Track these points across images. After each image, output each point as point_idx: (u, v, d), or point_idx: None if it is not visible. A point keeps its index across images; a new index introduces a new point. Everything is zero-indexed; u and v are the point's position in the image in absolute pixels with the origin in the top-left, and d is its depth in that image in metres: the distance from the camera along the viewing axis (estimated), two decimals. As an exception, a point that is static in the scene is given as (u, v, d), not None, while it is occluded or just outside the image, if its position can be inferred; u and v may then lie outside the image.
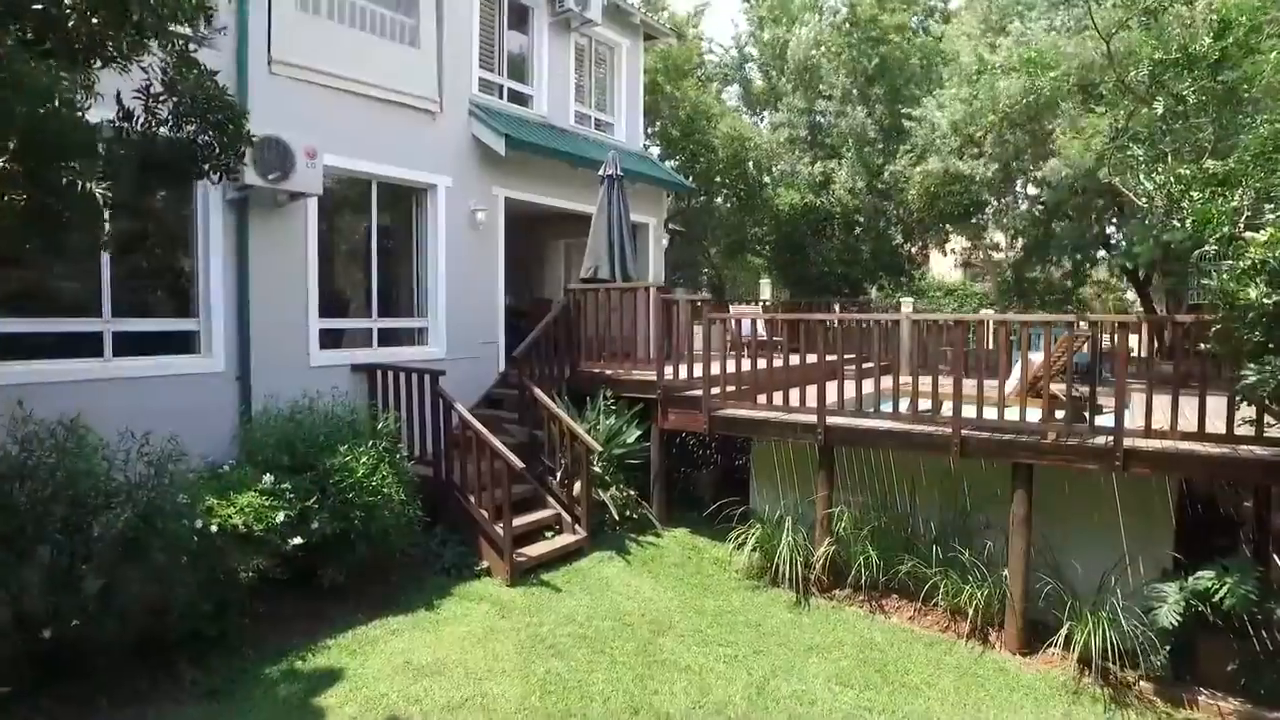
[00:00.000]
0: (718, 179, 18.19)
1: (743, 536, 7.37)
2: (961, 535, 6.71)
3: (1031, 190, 13.66)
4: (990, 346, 8.29)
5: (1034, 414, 6.06)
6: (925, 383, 6.51)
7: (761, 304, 17.05)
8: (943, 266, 26.81)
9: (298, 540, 5.49)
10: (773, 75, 19.30)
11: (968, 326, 6.57)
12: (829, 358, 7.11)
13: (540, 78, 10.68)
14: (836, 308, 15.30)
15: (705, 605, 6.61)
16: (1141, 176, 4.94)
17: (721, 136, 16.33)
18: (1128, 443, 5.53)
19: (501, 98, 10.18)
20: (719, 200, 19.76)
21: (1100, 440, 5.67)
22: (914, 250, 18.61)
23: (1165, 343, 6.33)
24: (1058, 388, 6.22)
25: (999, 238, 17.72)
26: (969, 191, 12.84)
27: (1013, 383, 6.18)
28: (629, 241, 8.93)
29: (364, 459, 6.07)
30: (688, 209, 19.84)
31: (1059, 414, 6.00)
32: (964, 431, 6.18)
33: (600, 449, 7.55)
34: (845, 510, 7.01)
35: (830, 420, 6.86)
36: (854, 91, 16.59)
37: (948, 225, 15.47)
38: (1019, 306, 14.05)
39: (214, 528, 4.87)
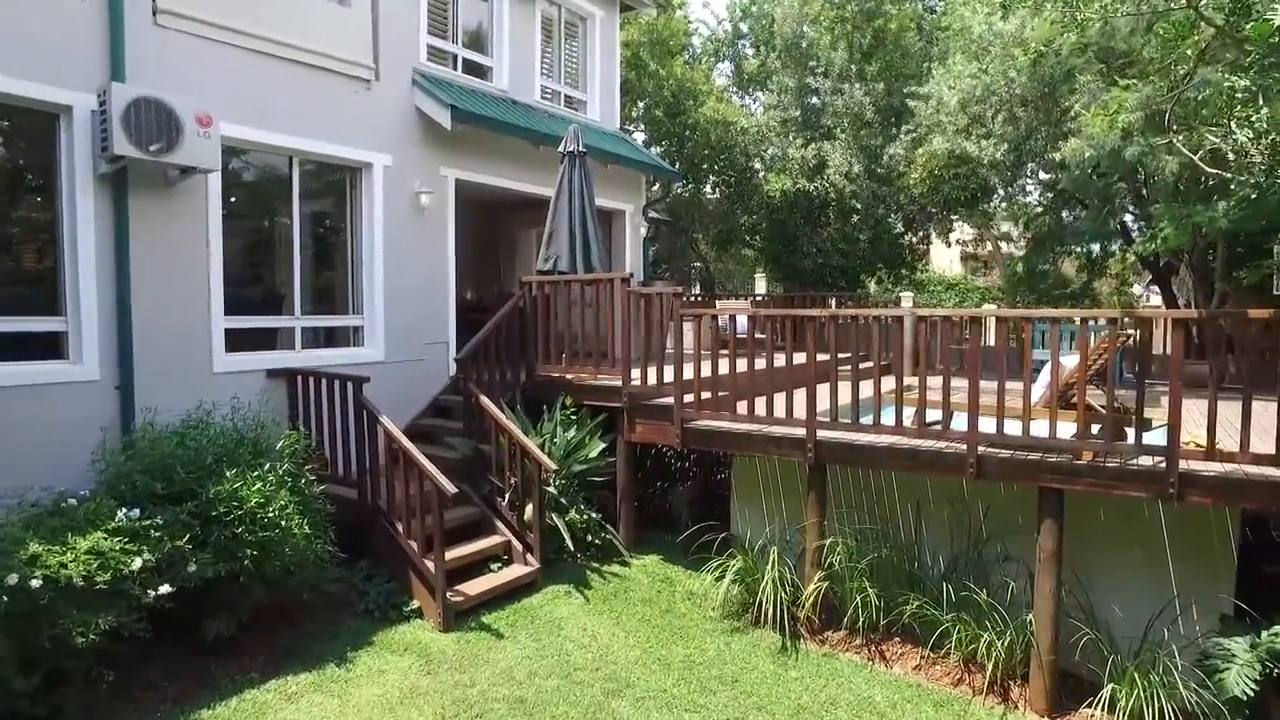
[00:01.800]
0: (705, 165, 17.22)
1: (722, 567, 6.43)
2: (976, 570, 5.81)
3: (1044, 175, 12.69)
4: (1009, 346, 7.41)
5: (1065, 428, 5.11)
6: (933, 384, 5.54)
7: (754, 299, 16.04)
8: (942, 260, 25.89)
9: (166, 588, 4.51)
10: (763, 51, 18.30)
11: (983, 324, 5.62)
12: (821, 357, 6.15)
13: (501, 48, 9.70)
14: (833, 303, 14.41)
15: (673, 654, 5.66)
16: (1233, 125, 3.95)
17: (706, 119, 15.32)
18: (1184, 465, 4.59)
19: (456, 68, 9.21)
20: (707, 188, 18.81)
21: (1148, 462, 4.74)
22: (915, 241, 17.64)
23: (1218, 343, 5.36)
24: (1092, 397, 5.27)
25: (1006, 226, 16.75)
26: (976, 175, 11.90)
27: (1039, 390, 5.24)
28: (594, 228, 7.97)
29: (259, 485, 5.10)
30: (673, 197, 18.88)
31: (1095, 429, 5.05)
32: (981, 449, 5.25)
33: (555, 467, 6.59)
34: (840, 541, 6.06)
35: (821, 435, 5.92)
36: (850, 68, 15.58)
37: (953, 212, 14.48)
38: (1030, 301, 13.14)
39: (37, 582, 3.89)
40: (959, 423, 5.53)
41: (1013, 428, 5.25)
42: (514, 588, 6.47)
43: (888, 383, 6.14)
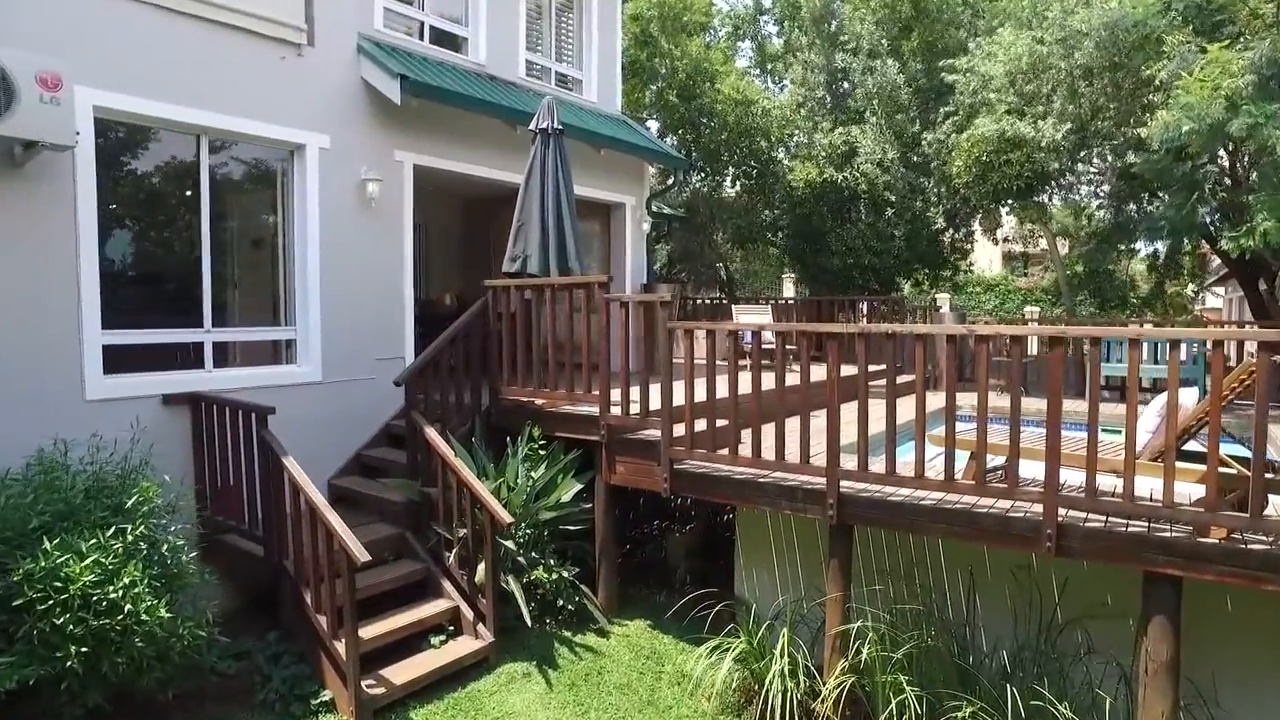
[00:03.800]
0: (724, 155, 15.90)
1: (719, 647, 5.17)
2: (1049, 666, 4.50)
3: (1112, 159, 11.19)
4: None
5: (1185, 488, 3.77)
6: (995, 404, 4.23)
7: (775, 303, 14.64)
8: (980, 259, 24.33)
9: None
10: (787, 27, 16.92)
11: (1068, 345, 4.34)
12: (848, 370, 4.88)
13: (477, 16, 8.53)
14: (863, 307, 13.05)
15: (650, 775, 4.41)
16: None
17: (724, 99, 14.00)
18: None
19: (422, 38, 8.06)
20: (727, 182, 17.49)
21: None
22: (958, 238, 16.13)
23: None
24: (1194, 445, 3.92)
25: (1064, 219, 15.18)
26: (1031, 161, 10.45)
27: (1146, 433, 3.90)
28: (571, 222, 6.75)
29: (97, 555, 3.94)
30: (690, 191, 17.60)
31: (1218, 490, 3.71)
32: (1063, 515, 3.92)
33: (510, 520, 5.36)
34: (870, 625, 4.75)
35: (846, 487, 4.66)
36: (884, 43, 14.15)
37: (1001, 204, 13.00)
38: (1092, 307, 11.66)
39: None
40: (1028, 469, 4.23)
41: (1106, 483, 3.93)
42: (459, 668, 5.29)
43: (932, 400, 4.81)
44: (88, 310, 5.22)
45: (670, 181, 13.71)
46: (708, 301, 15.97)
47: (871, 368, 4.82)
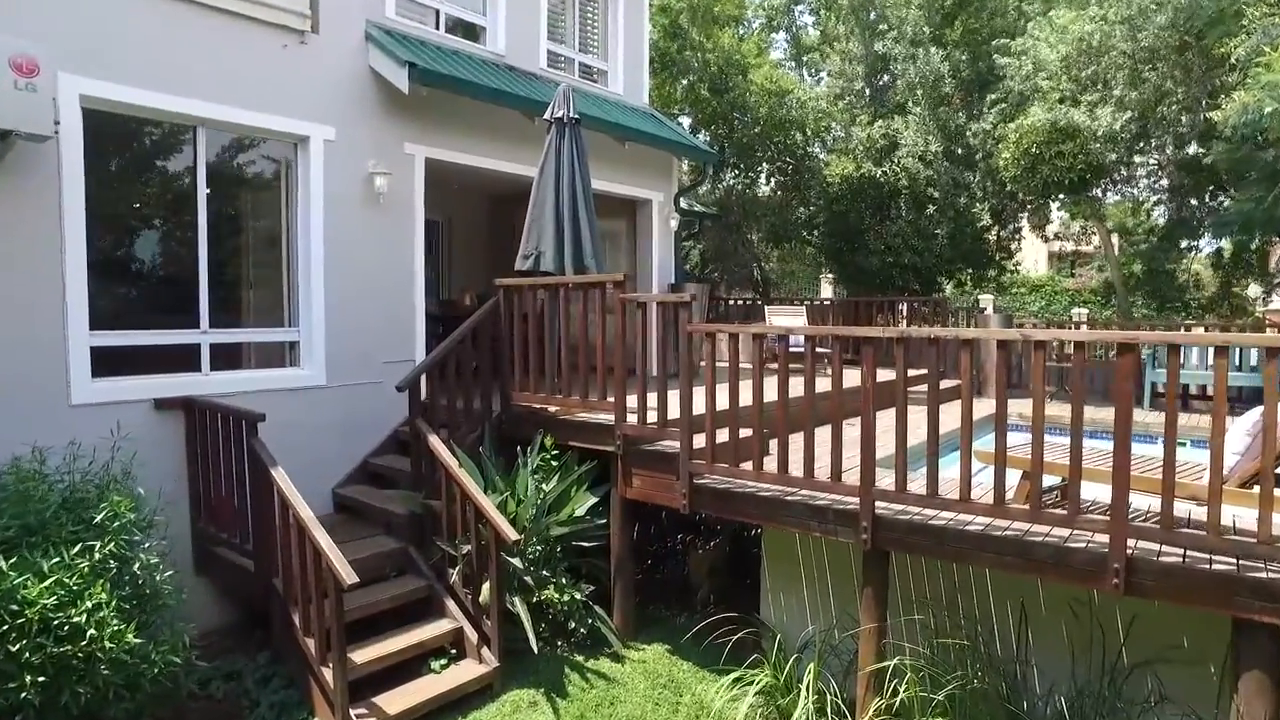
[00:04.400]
0: (758, 151, 15.39)
1: (741, 680, 4.75)
2: (1113, 714, 3.99)
3: (1173, 150, 10.47)
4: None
5: None
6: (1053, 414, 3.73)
7: (810, 305, 14.09)
8: (1024, 258, 23.41)
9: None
10: (824, 16, 16.34)
11: (1138, 353, 3.84)
12: (884, 374, 4.43)
13: (496, 4, 8.22)
14: (903, 308, 12.47)
15: (660, 825, 4.00)
16: None
17: (757, 89, 13.50)
18: None
19: (437, 27, 7.78)
20: (761, 178, 16.99)
21: None
22: (1004, 235, 15.39)
23: None
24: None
25: (1119, 215, 14.37)
26: (1085, 152, 9.79)
27: (1233, 455, 3.39)
28: (588, 217, 6.38)
29: (61, 575, 3.66)
30: (723, 188, 17.13)
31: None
32: (1133, 545, 3.43)
33: (517, 537, 4.99)
34: (907, 659, 4.29)
35: (882, 509, 4.20)
36: (926, 29, 13.52)
37: (1053, 199, 12.29)
38: (1150, 309, 10.94)
39: None
40: (1089, 491, 3.74)
41: (1181, 509, 3.42)
42: (460, 696, 4.93)
43: (979, 407, 4.33)
44: (74, 310, 4.97)
45: (700, 177, 13.28)
46: (741, 302, 15.50)
47: (910, 372, 4.36)
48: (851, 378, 4.66)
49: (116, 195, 5.56)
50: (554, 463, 5.83)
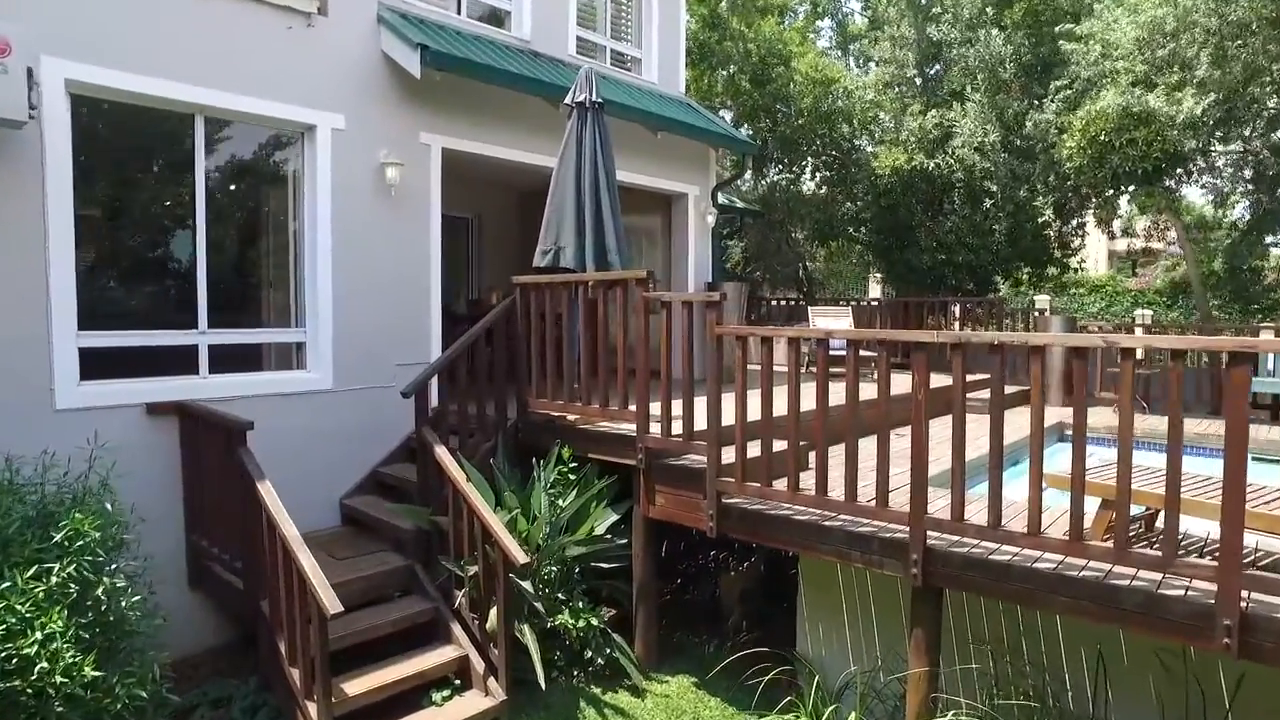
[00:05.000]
0: (802, 145, 14.76)
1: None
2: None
3: (1244, 143, 9.59)
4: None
5: None
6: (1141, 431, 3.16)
7: (856, 305, 13.38)
8: (1086, 255, 22.23)
9: None
10: (873, 1, 15.62)
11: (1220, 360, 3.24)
12: (939, 380, 3.89)
13: (523, -12, 7.81)
14: (956, 310, 11.76)
15: None
16: None
17: (801, 79, 12.89)
18: None
19: (459, 11, 7.42)
20: (806, 174, 16.34)
21: None
22: (1067, 230, 14.48)
23: None
24: None
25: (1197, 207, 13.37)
26: (1161, 139, 9.00)
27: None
28: (611, 209, 5.92)
29: (11, 600, 3.33)
30: (767, 184, 16.53)
31: None
32: (1249, 599, 2.84)
33: (525, 560, 4.55)
34: (963, 714, 3.73)
35: (934, 539, 3.64)
36: (986, 11, 12.74)
37: (1123, 191, 11.43)
38: (1233, 311, 10.05)
39: None
40: (1191, 526, 3.15)
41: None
42: (463, 732, 4.50)
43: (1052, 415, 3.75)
44: (59, 309, 4.69)
45: (740, 170, 12.73)
46: (783, 303, 14.90)
47: (968, 377, 3.80)
48: (899, 383, 4.13)
49: (110, 187, 5.29)
50: (572, 476, 5.39)
